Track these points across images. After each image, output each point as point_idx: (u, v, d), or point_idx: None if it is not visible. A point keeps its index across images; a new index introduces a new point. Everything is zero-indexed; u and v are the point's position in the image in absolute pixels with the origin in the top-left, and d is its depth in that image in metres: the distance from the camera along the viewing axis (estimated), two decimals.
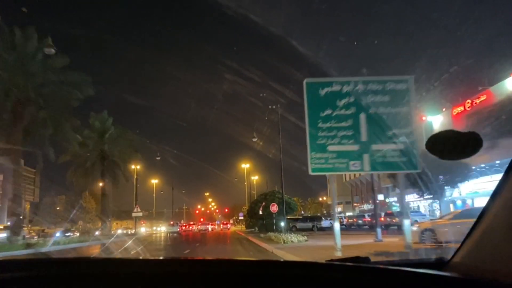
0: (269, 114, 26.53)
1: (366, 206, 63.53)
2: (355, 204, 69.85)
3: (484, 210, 1.37)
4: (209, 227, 62.29)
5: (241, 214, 69.66)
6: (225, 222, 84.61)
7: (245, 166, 62.17)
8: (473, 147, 1.34)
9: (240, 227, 66.70)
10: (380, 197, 58.12)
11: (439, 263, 1.58)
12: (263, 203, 39.49)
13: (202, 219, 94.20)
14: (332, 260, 1.62)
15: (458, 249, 1.48)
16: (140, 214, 37.05)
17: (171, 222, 59.04)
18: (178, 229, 55.59)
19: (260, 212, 38.39)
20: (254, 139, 30.35)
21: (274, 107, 24.90)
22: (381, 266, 1.48)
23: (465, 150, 1.36)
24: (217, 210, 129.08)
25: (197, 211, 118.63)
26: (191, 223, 69.44)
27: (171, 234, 47.94)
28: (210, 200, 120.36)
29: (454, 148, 1.38)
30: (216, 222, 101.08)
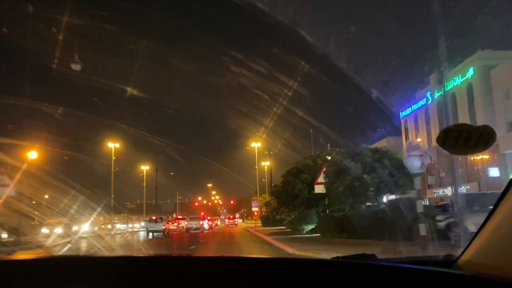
0: None
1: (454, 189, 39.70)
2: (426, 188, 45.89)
3: (494, 208, 1.35)
4: (205, 224, 39.30)
5: (254, 203, 47.49)
6: (231, 216, 63.66)
7: (256, 145, 50.45)
8: (485, 142, 1.30)
9: (254, 224, 43.53)
10: (494, 172, 34.63)
11: (448, 261, 1.53)
12: (323, 169, 16.25)
13: (202, 213, 72.08)
14: (338, 257, 1.61)
15: (467, 247, 1.45)
16: (9, 191, 14.68)
17: (153, 218, 37.34)
18: (164, 227, 35.97)
19: (321, 190, 15.19)
20: None
21: None
22: (388, 264, 1.45)
23: (477, 145, 1.31)
24: (220, 203, 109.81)
25: (196, 203, 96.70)
26: (179, 217, 46.74)
27: (152, 235, 33.48)
28: (214, 192, 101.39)
29: (467, 143, 1.31)
30: (221, 217, 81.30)
